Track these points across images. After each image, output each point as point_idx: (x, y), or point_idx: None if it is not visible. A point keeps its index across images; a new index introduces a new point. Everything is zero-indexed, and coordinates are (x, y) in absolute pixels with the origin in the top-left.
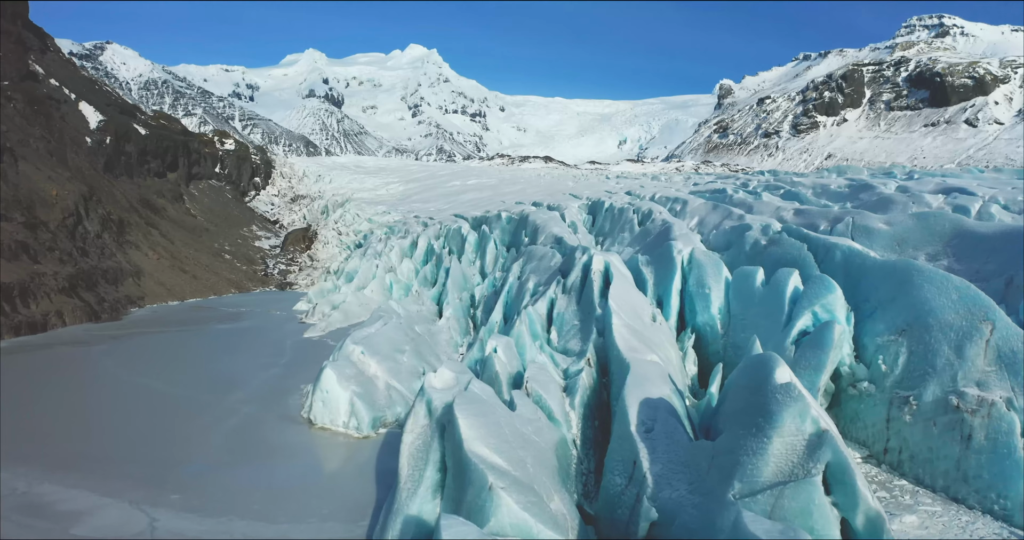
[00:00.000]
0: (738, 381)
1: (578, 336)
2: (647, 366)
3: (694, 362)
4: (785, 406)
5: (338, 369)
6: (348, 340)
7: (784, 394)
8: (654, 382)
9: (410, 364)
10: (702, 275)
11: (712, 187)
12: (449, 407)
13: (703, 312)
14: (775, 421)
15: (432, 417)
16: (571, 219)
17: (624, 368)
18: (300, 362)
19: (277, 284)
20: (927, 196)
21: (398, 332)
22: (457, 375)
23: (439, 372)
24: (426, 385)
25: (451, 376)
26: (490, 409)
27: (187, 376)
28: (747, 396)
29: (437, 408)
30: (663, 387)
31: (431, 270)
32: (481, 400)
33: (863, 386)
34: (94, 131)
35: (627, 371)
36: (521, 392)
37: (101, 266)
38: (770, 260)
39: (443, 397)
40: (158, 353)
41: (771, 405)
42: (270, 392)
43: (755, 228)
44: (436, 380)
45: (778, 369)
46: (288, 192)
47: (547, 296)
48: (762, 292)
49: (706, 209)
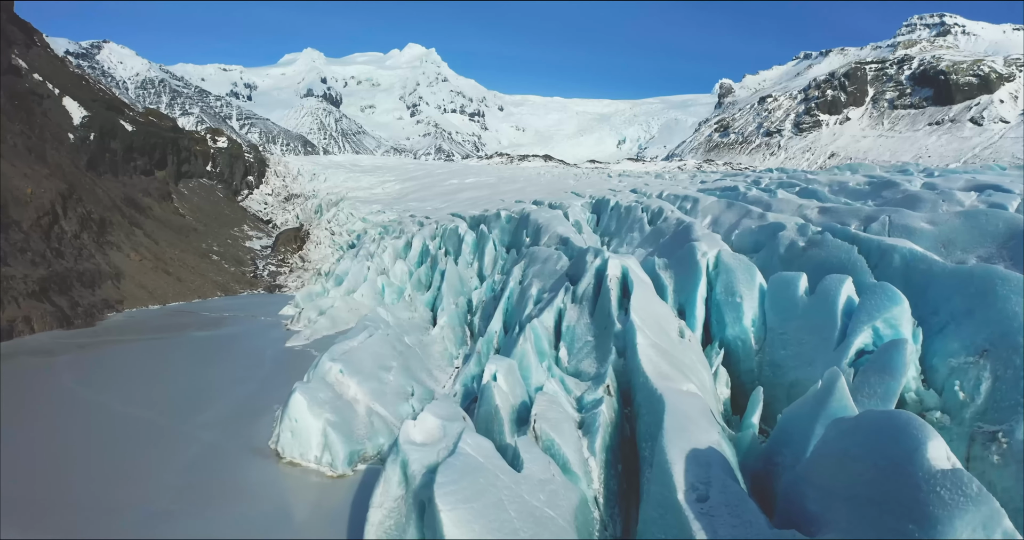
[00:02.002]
0: (842, 445)
1: (593, 355)
2: (685, 400)
3: (726, 383)
4: (959, 510)
5: (310, 393)
6: (325, 357)
7: (954, 490)
8: (698, 424)
9: (397, 384)
10: (731, 281)
11: (722, 185)
12: (430, 480)
13: (733, 324)
14: (940, 531)
15: (408, 487)
16: (575, 218)
17: (657, 403)
18: (278, 376)
19: (266, 286)
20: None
21: (384, 345)
22: (444, 423)
23: (421, 420)
24: (402, 440)
25: (435, 425)
26: (487, 482)
27: (151, 393)
28: (868, 476)
29: (415, 475)
30: (710, 431)
31: (425, 272)
32: (474, 468)
33: (934, 417)
34: (77, 127)
35: (662, 408)
36: (528, 439)
37: (77, 268)
38: (811, 264)
39: (424, 458)
40: (125, 365)
41: (930, 505)
42: (239, 414)
43: (790, 227)
44: (416, 430)
45: (931, 443)
46: (282, 191)
47: (554, 306)
48: (806, 302)
49: (720, 207)
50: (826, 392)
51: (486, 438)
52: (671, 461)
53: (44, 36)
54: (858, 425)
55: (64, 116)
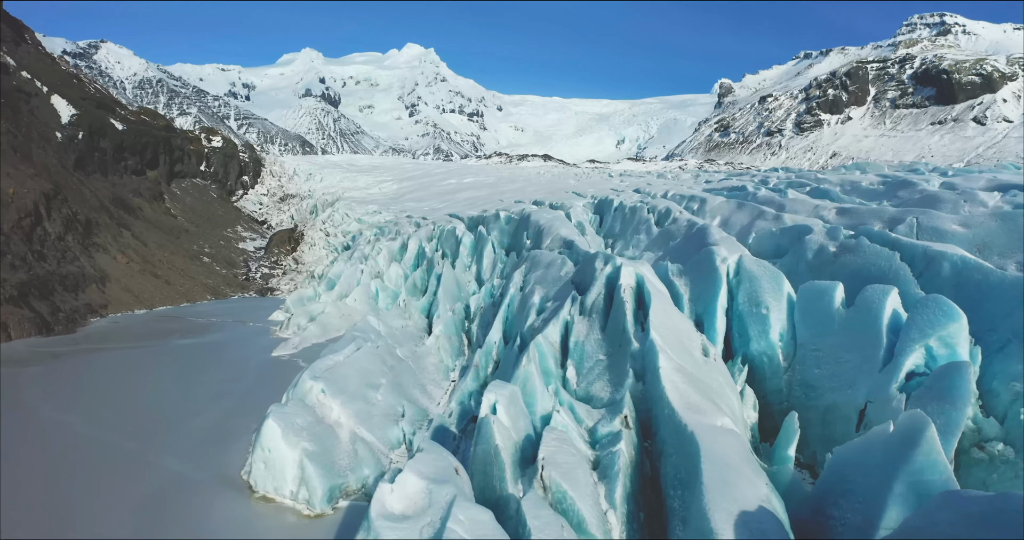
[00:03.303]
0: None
1: (606, 377)
2: (722, 441)
3: (754, 407)
4: None
5: (285, 419)
6: (306, 375)
7: None
8: (741, 473)
9: (386, 404)
10: (756, 290)
11: (728, 184)
12: None
13: (759, 338)
14: None
15: None
16: (577, 219)
17: (689, 444)
18: (260, 390)
19: (258, 289)
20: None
21: (373, 359)
22: (429, 486)
23: (400, 483)
24: (375, 513)
25: (419, 490)
26: None
27: (120, 412)
28: None
29: None
30: (756, 483)
31: (421, 276)
32: None
33: (995, 449)
34: (65, 126)
35: (696, 451)
36: (535, 495)
37: (60, 271)
38: (846, 272)
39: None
40: (97, 378)
41: None
42: (212, 437)
43: (817, 230)
44: (394, 497)
45: None
46: (277, 191)
47: (560, 318)
48: (844, 316)
49: (729, 208)
50: (907, 441)
51: (482, 508)
52: (715, 527)
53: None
54: (997, 517)
55: (52, 114)
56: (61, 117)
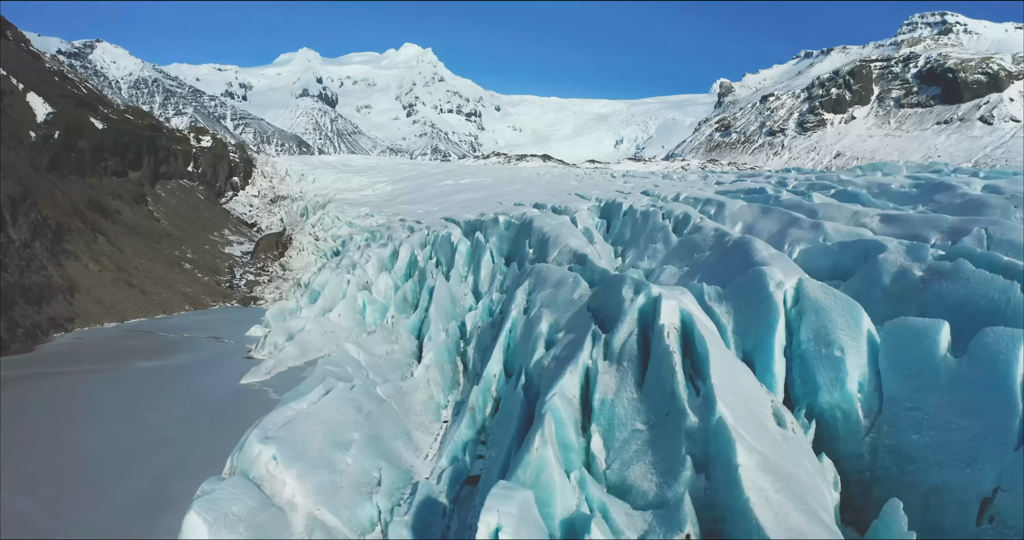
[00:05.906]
0: None
1: (648, 458)
2: None
3: (835, 483)
4: None
5: (215, 509)
6: (253, 436)
7: None
8: None
9: (358, 469)
10: (825, 326)
11: (743, 186)
12: None
13: (831, 388)
14: None
15: None
16: (584, 225)
17: None
18: (214, 435)
19: (240, 298)
20: None
21: (345, 407)
22: None
23: None
24: None
25: None
26: None
27: (40, 465)
28: None
29: None
30: None
31: (412, 288)
32: None
33: None
34: (40, 125)
35: None
36: None
37: (23, 282)
38: (943, 306)
39: None
40: (30, 414)
41: None
42: (138, 509)
43: (893, 247)
44: None
45: None
46: (268, 193)
47: (579, 363)
48: (953, 367)
49: (752, 213)
50: None
51: None
52: None
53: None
54: None
55: (27, 113)
56: (36, 116)
